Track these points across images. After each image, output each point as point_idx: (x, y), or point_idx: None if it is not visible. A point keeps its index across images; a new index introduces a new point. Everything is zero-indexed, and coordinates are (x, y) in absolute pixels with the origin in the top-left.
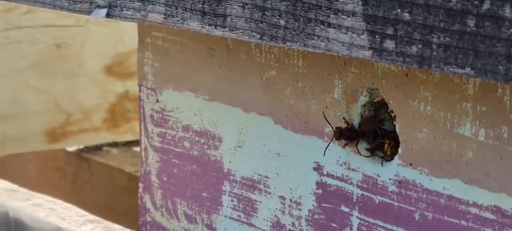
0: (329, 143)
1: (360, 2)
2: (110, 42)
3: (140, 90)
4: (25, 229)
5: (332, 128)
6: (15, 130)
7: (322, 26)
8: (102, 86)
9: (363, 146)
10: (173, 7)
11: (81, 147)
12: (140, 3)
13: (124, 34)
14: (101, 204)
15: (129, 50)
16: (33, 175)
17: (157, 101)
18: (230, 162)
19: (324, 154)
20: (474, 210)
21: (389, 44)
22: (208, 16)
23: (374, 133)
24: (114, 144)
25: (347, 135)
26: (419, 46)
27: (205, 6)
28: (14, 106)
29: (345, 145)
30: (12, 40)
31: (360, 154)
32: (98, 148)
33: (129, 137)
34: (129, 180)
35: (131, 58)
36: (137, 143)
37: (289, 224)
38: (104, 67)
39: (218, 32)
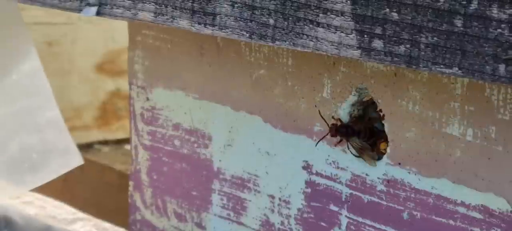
0: (323, 137)
1: (349, 1)
2: (101, 40)
3: (130, 89)
4: (15, 226)
5: (327, 124)
6: None
7: (311, 26)
8: (93, 84)
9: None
10: (162, 5)
11: None
12: (130, 1)
13: (115, 32)
14: (92, 202)
15: (120, 48)
16: None
17: (147, 99)
18: (220, 160)
19: (316, 145)
20: (462, 210)
21: (378, 43)
22: (198, 15)
23: (370, 131)
24: (105, 142)
25: (343, 131)
26: (407, 46)
27: (194, 4)
28: None
29: (338, 142)
30: None
31: (351, 153)
32: (89, 146)
33: (120, 135)
34: (120, 178)
35: (122, 56)
36: (128, 141)
37: (278, 223)
38: (95, 65)
39: (207, 30)
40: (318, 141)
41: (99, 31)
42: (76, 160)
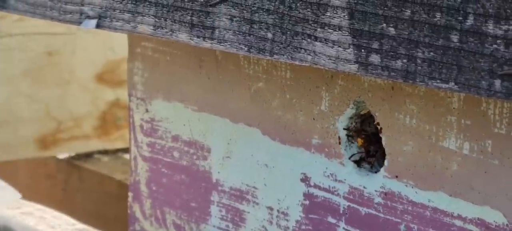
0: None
1: (346, 16)
2: (100, 50)
3: (129, 100)
4: None
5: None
6: (6, 137)
7: (309, 40)
8: (93, 94)
9: (348, 157)
10: (162, 19)
11: (72, 154)
12: (129, 15)
13: (114, 42)
14: (91, 211)
15: (119, 58)
16: (23, 182)
17: (147, 111)
18: (218, 172)
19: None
20: (458, 223)
21: (375, 58)
22: (197, 28)
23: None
24: (105, 152)
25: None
26: (404, 60)
27: (193, 18)
28: (5, 113)
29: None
30: (3, 48)
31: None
32: (88, 156)
33: (119, 145)
34: (119, 187)
35: (122, 66)
36: (127, 150)
37: None
38: (95, 75)
39: (206, 44)
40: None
41: (99, 41)
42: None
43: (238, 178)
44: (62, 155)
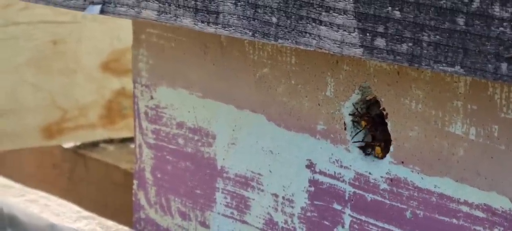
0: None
1: (351, 0)
2: (106, 39)
3: (134, 87)
4: (19, 224)
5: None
6: (12, 126)
7: (313, 24)
8: (98, 83)
9: (355, 143)
10: (166, 4)
11: (77, 143)
12: (133, 0)
13: (120, 31)
14: (97, 201)
15: (125, 47)
16: (29, 171)
17: (152, 98)
18: (223, 159)
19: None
20: (464, 208)
21: (380, 42)
22: (201, 13)
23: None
24: (110, 141)
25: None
26: (410, 44)
27: (198, 3)
28: (11, 102)
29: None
30: (8, 37)
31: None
32: (94, 145)
33: (125, 134)
34: (125, 176)
35: (127, 55)
36: (133, 139)
37: (281, 222)
38: (100, 63)
39: (210, 29)
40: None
41: (105, 30)
42: None
43: (243, 165)
44: (68, 144)
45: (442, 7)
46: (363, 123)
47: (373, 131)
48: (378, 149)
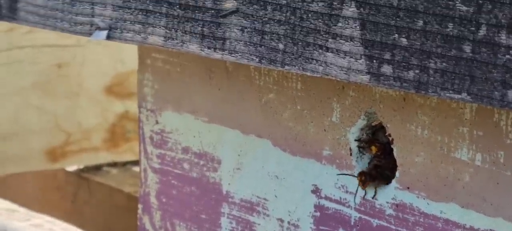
0: (357, 189)
1: (358, 27)
2: (110, 62)
3: (139, 112)
4: None
5: (353, 175)
6: (16, 149)
7: (320, 51)
8: (102, 106)
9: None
10: (173, 29)
11: (81, 166)
12: (140, 26)
13: (124, 54)
14: (100, 224)
15: (128, 71)
16: (33, 194)
17: (157, 122)
18: (229, 184)
19: (338, 174)
20: None
21: (387, 69)
22: (208, 39)
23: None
24: (114, 164)
25: (373, 174)
26: (417, 71)
27: (204, 29)
28: (15, 125)
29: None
30: (13, 60)
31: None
32: (97, 168)
33: (128, 157)
34: (128, 200)
35: (131, 78)
36: (136, 163)
37: None
38: (104, 87)
39: (217, 55)
40: (339, 174)
41: (108, 53)
42: None
43: (249, 190)
44: (71, 167)
45: (449, 34)
46: (373, 148)
47: (382, 158)
48: (374, 148)
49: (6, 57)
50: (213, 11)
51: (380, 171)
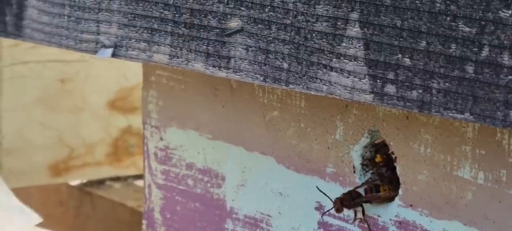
0: (327, 211)
1: (361, 47)
2: (113, 78)
3: (144, 128)
4: None
5: (330, 199)
6: (19, 164)
7: (324, 70)
8: (105, 121)
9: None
10: (178, 48)
11: (84, 181)
12: (145, 44)
13: (127, 70)
14: None
15: (132, 86)
16: (36, 208)
17: (161, 139)
18: (233, 200)
19: (322, 218)
20: None
21: (390, 88)
22: (212, 58)
23: (376, 187)
24: (116, 178)
25: (347, 204)
26: (420, 91)
27: (209, 47)
28: (19, 141)
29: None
30: (17, 75)
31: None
32: (100, 182)
33: (131, 172)
34: (131, 214)
35: (134, 93)
36: (139, 177)
37: None
38: (107, 102)
39: (222, 73)
40: (323, 214)
41: (112, 69)
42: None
43: (253, 206)
44: (74, 182)
45: (452, 55)
46: (378, 157)
47: (385, 169)
48: (379, 156)
49: (10, 72)
50: (218, 30)
51: (357, 201)
